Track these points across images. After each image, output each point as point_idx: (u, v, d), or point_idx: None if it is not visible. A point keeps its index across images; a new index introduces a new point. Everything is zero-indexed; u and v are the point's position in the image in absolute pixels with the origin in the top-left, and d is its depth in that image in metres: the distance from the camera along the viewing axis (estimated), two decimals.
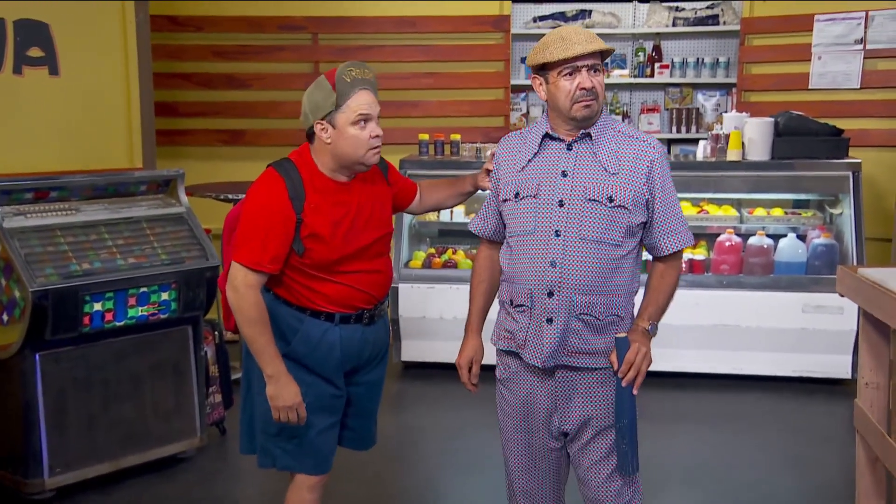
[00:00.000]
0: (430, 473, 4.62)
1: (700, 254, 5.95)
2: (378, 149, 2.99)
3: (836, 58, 6.46)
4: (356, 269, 3.04)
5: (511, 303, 2.90)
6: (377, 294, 3.13)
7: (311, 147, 3.01)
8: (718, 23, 7.18)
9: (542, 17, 7.36)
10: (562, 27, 2.84)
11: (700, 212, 6.03)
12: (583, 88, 2.72)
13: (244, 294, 2.91)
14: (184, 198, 4.70)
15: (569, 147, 2.81)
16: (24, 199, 4.20)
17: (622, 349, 2.73)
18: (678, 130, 7.30)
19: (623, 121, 6.66)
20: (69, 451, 4.20)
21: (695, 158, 5.98)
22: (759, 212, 6.09)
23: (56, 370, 4.14)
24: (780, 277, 5.76)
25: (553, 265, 2.76)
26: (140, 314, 4.31)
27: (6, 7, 4.49)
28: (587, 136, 2.80)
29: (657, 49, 7.37)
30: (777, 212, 6.08)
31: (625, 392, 2.74)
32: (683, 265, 3.07)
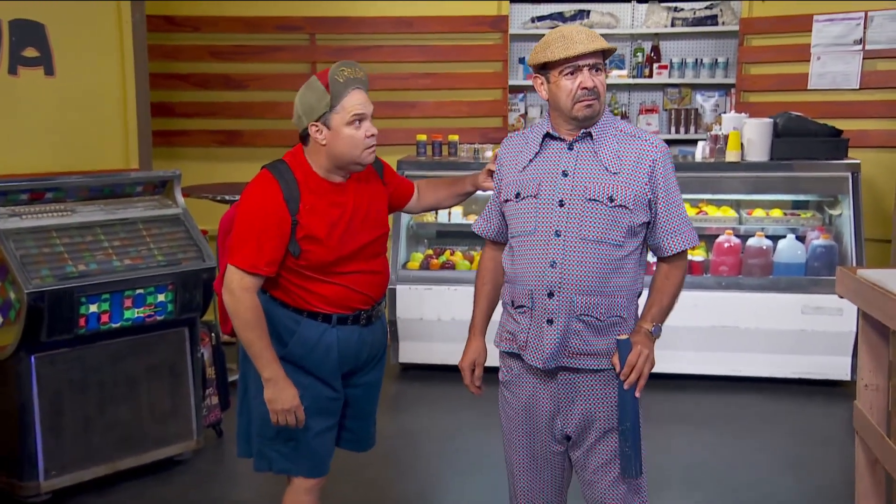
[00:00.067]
0: (429, 475, 4.61)
1: (699, 255, 5.94)
2: (373, 148, 2.98)
3: (836, 58, 6.45)
4: (353, 270, 3.03)
5: (512, 304, 2.88)
6: (374, 295, 3.12)
7: (306, 148, 3.00)
8: (717, 23, 7.16)
9: (541, 18, 7.35)
10: (563, 26, 2.83)
11: (699, 213, 6.03)
12: (584, 88, 2.70)
13: (240, 297, 2.90)
14: (180, 199, 4.69)
15: (570, 147, 2.80)
16: (20, 200, 4.19)
17: (624, 351, 2.72)
18: (677, 131, 7.28)
19: None
20: (65, 454, 4.18)
21: (693, 159, 5.97)
22: (758, 213, 6.09)
23: (52, 372, 4.13)
24: (780, 279, 5.76)
25: (553, 265, 2.74)
26: (136, 316, 4.30)
27: (1, 7, 4.47)
28: (588, 136, 2.78)
29: (656, 49, 7.36)
30: (776, 213, 6.07)
31: (627, 394, 2.72)
32: None
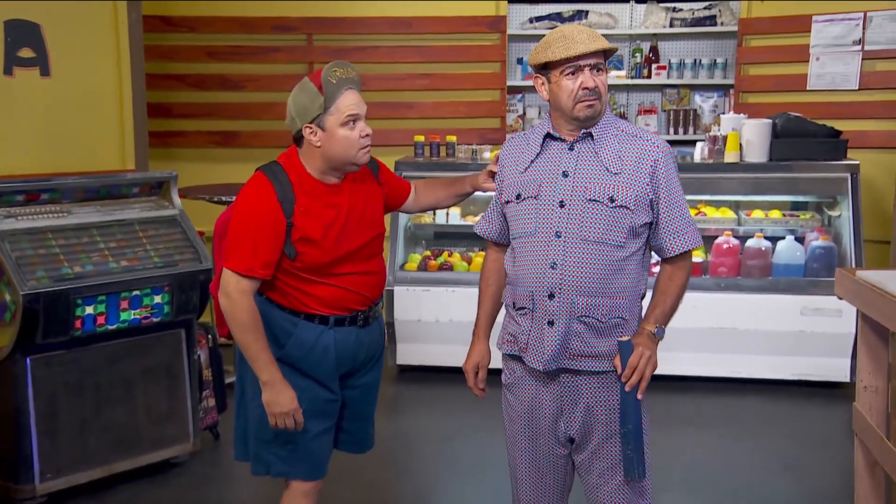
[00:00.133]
0: (427, 478, 4.59)
1: (698, 256, 5.93)
2: (368, 148, 2.97)
3: (835, 59, 6.43)
4: (349, 271, 3.02)
5: (513, 305, 2.87)
6: (371, 295, 3.11)
7: (300, 150, 2.99)
8: (716, 23, 7.15)
9: (539, 18, 7.33)
10: (564, 26, 2.81)
11: (697, 214, 6.01)
12: (585, 88, 2.69)
13: (237, 300, 2.89)
14: (177, 200, 4.67)
15: (570, 147, 2.78)
16: (15, 202, 4.17)
17: (625, 352, 2.70)
18: (675, 132, 7.27)
19: None
20: (60, 457, 4.17)
21: (692, 160, 5.95)
22: (757, 214, 6.08)
23: (47, 374, 4.11)
24: (779, 280, 5.75)
25: (553, 267, 2.73)
26: (132, 317, 4.29)
27: None
28: (589, 136, 2.77)
29: (654, 50, 7.34)
30: (775, 214, 6.06)
31: (629, 397, 2.70)
32: None
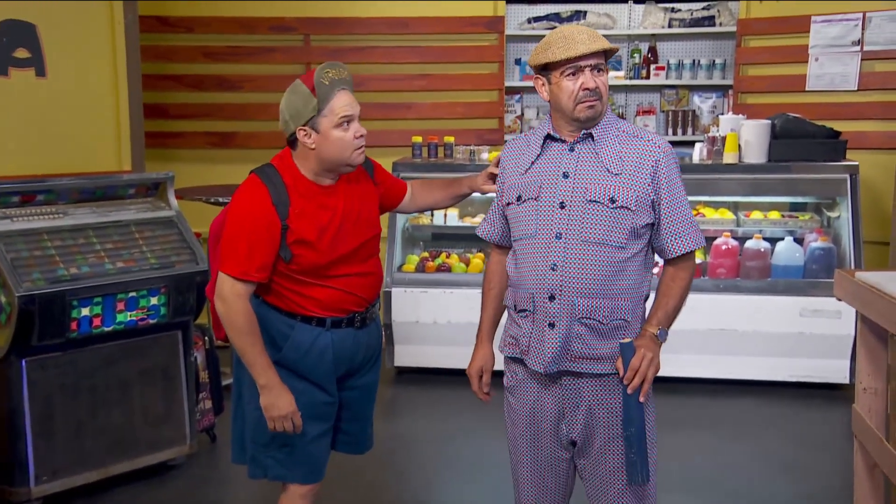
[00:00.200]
0: (425, 480, 4.58)
1: (696, 257, 5.91)
2: (363, 148, 2.96)
3: (834, 59, 6.42)
4: (346, 273, 3.01)
5: (515, 308, 2.86)
6: (368, 296, 3.10)
7: (294, 153, 2.97)
8: (715, 24, 7.13)
9: (537, 18, 7.31)
10: (564, 26, 2.80)
11: (696, 215, 6.00)
12: (586, 89, 2.68)
13: (232, 304, 2.88)
14: (173, 201, 4.66)
15: (571, 148, 2.77)
16: (11, 203, 4.16)
17: (627, 355, 2.68)
18: (674, 132, 7.24)
19: None
20: (56, 459, 4.15)
21: (691, 161, 5.93)
22: (756, 215, 6.06)
23: (43, 376, 4.09)
24: (777, 281, 5.73)
25: (554, 268, 2.71)
26: (129, 319, 4.27)
27: None
28: (589, 137, 2.75)
29: (653, 50, 7.32)
30: (774, 215, 6.05)
31: (631, 399, 2.69)
32: None
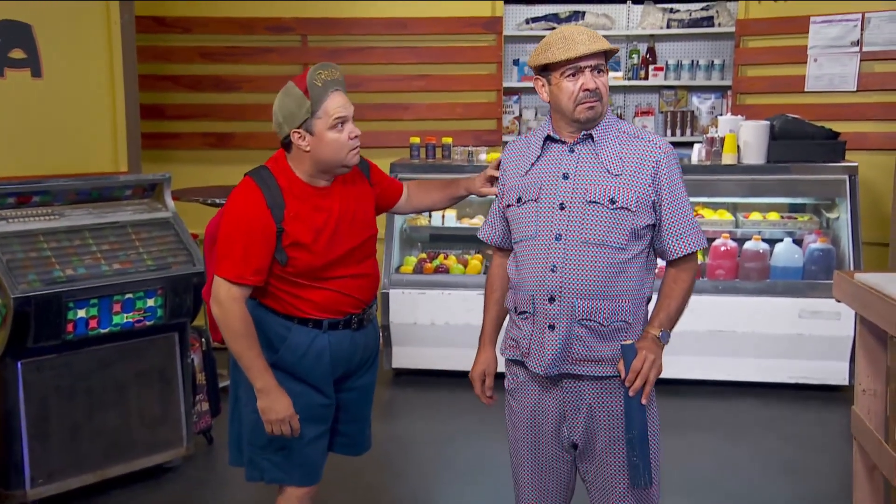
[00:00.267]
0: (424, 481, 4.56)
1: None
2: (357, 149, 2.95)
3: (833, 60, 6.41)
4: (342, 275, 3.00)
5: (515, 310, 2.85)
6: (365, 298, 3.09)
7: (288, 155, 2.96)
8: (713, 24, 7.12)
9: (535, 19, 7.30)
10: (564, 26, 2.79)
11: (695, 216, 5.97)
12: (586, 90, 2.67)
13: (228, 308, 2.87)
14: (170, 202, 4.65)
15: (571, 149, 2.76)
16: (6, 204, 4.14)
17: (628, 356, 2.67)
18: (673, 133, 7.23)
19: None
20: (52, 462, 4.13)
21: (689, 162, 5.92)
22: (755, 216, 6.05)
23: (38, 379, 4.07)
24: (776, 282, 5.72)
25: (553, 270, 2.70)
26: (125, 321, 4.25)
27: None
28: (589, 138, 2.74)
29: (651, 51, 7.31)
30: (773, 216, 6.03)
31: (633, 402, 2.67)
32: None
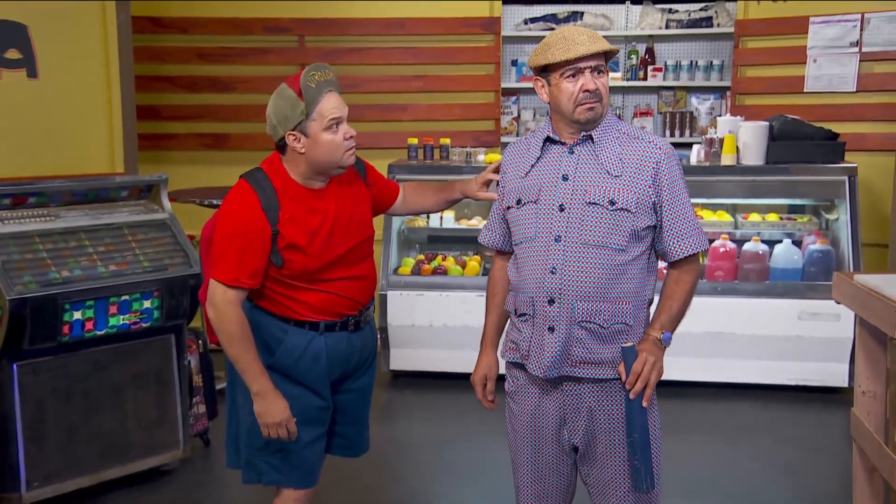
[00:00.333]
0: (422, 485, 4.54)
1: None
2: (353, 150, 2.93)
3: (832, 61, 6.40)
4: (338, 277, 2.99)
5: (515, 312, 2.84)
6: (362, 300, 3.08)
7: (283, 157, 2.95)
8: (712, 25, 7.12)
9: (534, 19, 7.29)
10: (563, 27, 2.79)
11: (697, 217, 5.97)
12: (586, 90, 2.66)
13: (224, 311, 2.85)
14: (167, 203, 4.63)
15: (570, 150, 2.75)
16: (2, 205, 4.12)
17: (629, 359, 2.65)
18: (671, 134, 7.22)
19: None
20: (48, 464, 4.11)
21: (688, 163, 5.90)
22: (754, 217, 6.04)
23: (34, 381, 4.05)
24: (776, 284, 5.70)
25: (553, 272, 2.69)
26: (121, 323, 4.23)
27: None
28: (589, 139, 2.73)
29: (650, 51, 7.31)
30: (772, 217, 6.03)
31: (633, 404, 2.65)
32: None
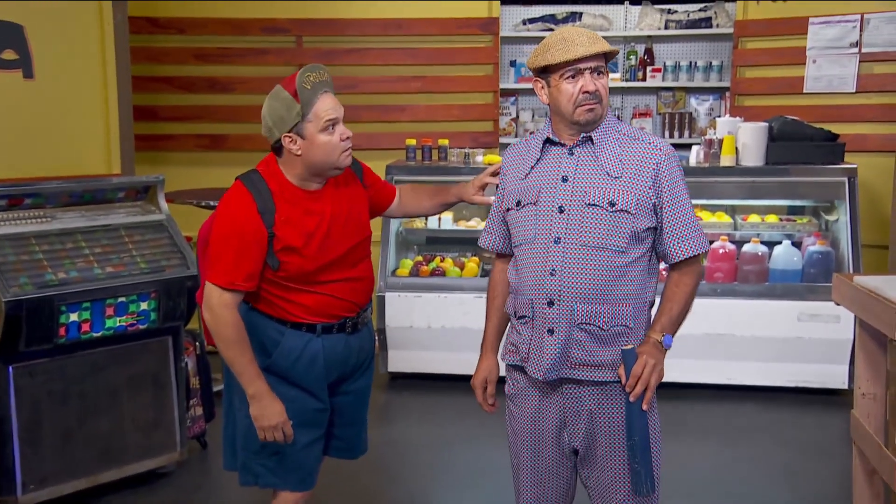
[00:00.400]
0: (420, 487, 4.53)
1: None
2: (349, 150, 2.92)
3: (832, 61, 6.38)
4: (335, 278, 2.97)
5: (515, 314, 2.83)
6: (359, 301, 3.07)
7: (279, 159, 2.94)
8: (711, 25, 7.10)
9: (532, 20, 7.27)
10: (563, 28, 2.77)
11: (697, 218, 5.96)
12: (586, 92, 2.65)
13: (220, 314, 2.84)
14: (164, 204, 4.61)
15: (570, 152, 2.73)
16: None
17: (629, 361, 2.63)
18: (671, 135, 7.20)
19: None
20: (44, 467, 4.09)
21: (687, 164, 5.89)
22: (754, 218, 6.02)
23: (30, 383, 4.03)
24: (775, 285, 5.69)
25: (552, 273, 2.67)
26: (118, 325, 4.21)
27: None
28: (589, 140, 2.72)
29: (649, 52, 7.29)
30: (772, 218, 6.02)
31: (633, 407, 2.63)
32: None
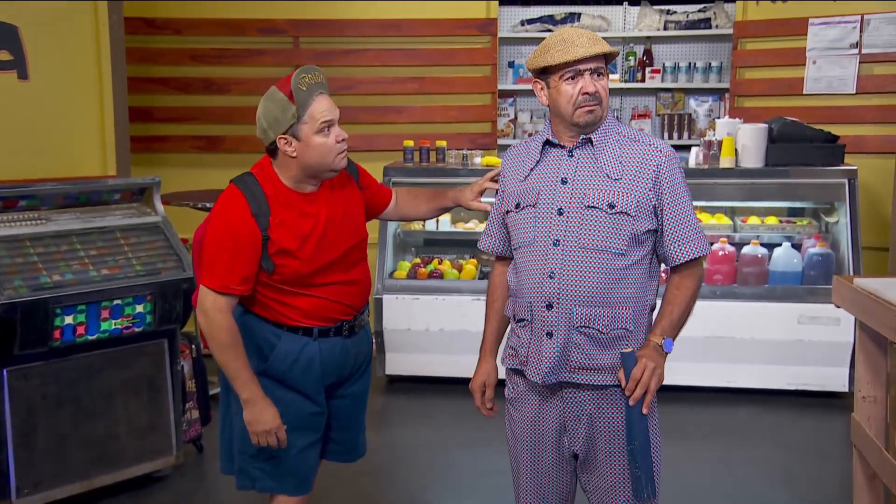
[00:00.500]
0: (418, 490, 4.51)
1: None
2: (345, 152, 2.90)
3: (831, 62, 6.37)
4: (331, 281, 2.96)
5: (514, 318, 2.81)
6: (356, 304, 3.05)
7: (274, 161, 2.91)
8: (711, 26, 7.10)
9: (531, 21, 7.26)
10: (563, 28, 2.76)
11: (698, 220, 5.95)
12: (586, 93, 2.63)
13: (214, 318, 2.82)
14: (160, 206, 4.59)
15: (570, 154, 2.72)
16: None
17: (629, 365, 2.61)
18: (670, 136, 7.21)
19: None
20: (38, 471, 4.06)
21: (687, 165, 5.88)
22: (753, 220, 6.02)
23: (25, 386, 4.00)
24: (775, 287, 5.68)
25: (551, 276, 2.65)
26: (113, 328, 4.19)
27: None
28: (588, 142, 2.70)
29: (648, 53, 7.28)
30: (771, 220, 6.01)
31: (633, 411, 2.61)
32: None
